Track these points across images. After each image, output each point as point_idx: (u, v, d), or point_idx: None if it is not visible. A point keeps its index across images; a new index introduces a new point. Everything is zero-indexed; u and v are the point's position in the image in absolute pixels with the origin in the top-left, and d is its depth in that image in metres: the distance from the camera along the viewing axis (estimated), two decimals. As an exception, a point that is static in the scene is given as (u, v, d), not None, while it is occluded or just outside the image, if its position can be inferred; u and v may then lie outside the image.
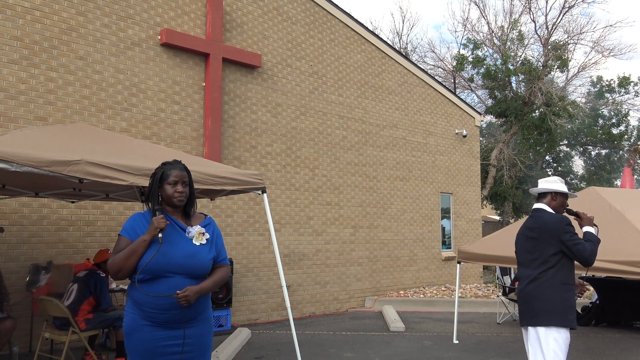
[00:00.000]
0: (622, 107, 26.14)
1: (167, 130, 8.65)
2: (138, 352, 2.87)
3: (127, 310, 2.93)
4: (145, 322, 2.86)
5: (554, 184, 4.18)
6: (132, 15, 8.40)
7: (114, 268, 2.86)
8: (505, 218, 22.96)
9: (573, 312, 3.95)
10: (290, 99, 10.49)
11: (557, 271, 3.95)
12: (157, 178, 3.01)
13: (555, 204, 4.16)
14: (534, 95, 19.83)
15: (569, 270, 4.00)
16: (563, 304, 3.90)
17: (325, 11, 11.38)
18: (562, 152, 29.84)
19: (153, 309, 2.83)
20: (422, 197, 13.20)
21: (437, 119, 13.86)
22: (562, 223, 3.98)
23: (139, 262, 2.83)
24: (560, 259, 3.97)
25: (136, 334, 2.86)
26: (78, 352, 6.67)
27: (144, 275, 2.84)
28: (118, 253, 2.88)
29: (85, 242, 7.68)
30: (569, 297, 3.93)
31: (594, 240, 3.98)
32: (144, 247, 2.83)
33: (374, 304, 11.35)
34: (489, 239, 7.67)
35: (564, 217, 4.07)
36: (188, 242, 2.94)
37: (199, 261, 2.92)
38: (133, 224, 2.96)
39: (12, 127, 7.03)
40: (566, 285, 3.95)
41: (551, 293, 3.93)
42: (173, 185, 2.97)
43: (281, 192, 10.21)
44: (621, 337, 8.28)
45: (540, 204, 4.20)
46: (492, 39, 22.10)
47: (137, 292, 2.87)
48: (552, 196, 4.17)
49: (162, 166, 3.05)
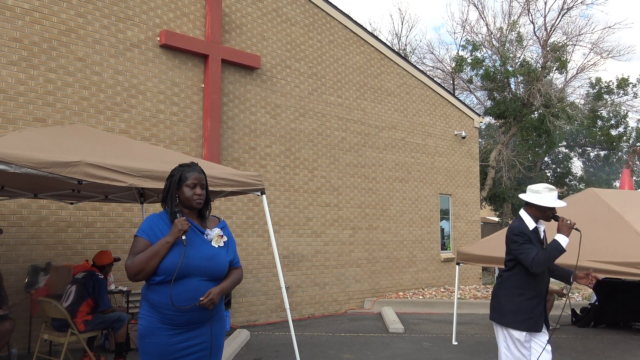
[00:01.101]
0: (621, 109, 26.18)
1: (166, 132, 8.65)
2: (152, 355, 2.85)
3: (143, 314, 2.90)
4: (162, 325, 2.84)
5: (535, 195, 4.17)
6: (132, 16, 8.41)
7: (133, 270, 2.81)
8: (504, 219, 22.97)
9: (521, 315, 4.09)
10: (290, 101, 10.50)
11: (511, 275, 4.19)
12: (175, 180, 2.99)
13: (537, 215, 4.19)
14: (532, 96, 19.86)
15: (523, 276, 4.12)
16: (509, 306, 4.13)
17: (324, 12, 11.39)
18: (561, 154, 29.88)
19: (173, 311, 2.82)
20: (421, 199, 13.21)
21: (436, 120, 13.87)
22: (511, 233, 4.15)
23: (160, 264, 2.81)
24: (515, 264, 4.16)
25: (152, 337, 2.84)
26: (77, 353, 6.66)
27: (164, 277, 2.81)
28: (137, 255, 2.83)
29: (84, 244, 7.68)
30: (518, 301, 4.11)
31: (551, 249, 3.97)
32: (166, 249, 2.81)
33: (373, 306, 11.34)
34: (488, 240, 7.66)
35: (517, 226, 4.15)
36: (207, 245, 2.95)
37: (219, 263, 2.93)
38: (151, 225, 2.93)
39: (11, 128, 7.03)
40: (517, 289, 4.13)
41: (502, 294, 4.22)
42: (192, 188, 2.97)
43: (280, 193, 10.21)
44: (620, 338, 8.28)
45: (522, 210, 4.31)
46: (491, 40, 22.14)
47: (154, 295, 2.85)
48: (536, 208, 4.19)
49: (181, 168, 3.03)
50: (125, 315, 6.23)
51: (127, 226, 8.13)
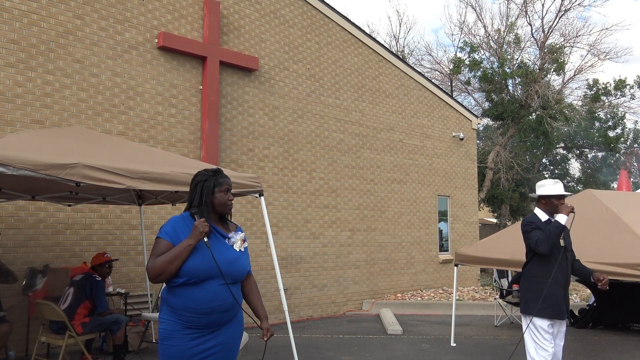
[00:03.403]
0: (618, 110, 26.23)
1: (164, 134, 8.64)
2: (172, 358, 2.87)
3: (164, 317, 2.91)
4: (181, 328, 2.86)
5: (539, 189, 4.61)
6: (129, 18, 8.40)
7: (155, 271, 2.82)
8: (502, 221, 23.00)
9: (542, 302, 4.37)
10: (288, 102, 10.50)
11: (530, 266, 4.56)
12: (210, 185, 3.03)
13: (547, 208, 4.58)
14: (530, 98, 19.90)
15: (540, 264, 4.47)
16: (531, 295, 4.45)
17: (322, 14, 11.40)
18: (558, 155, 29.92)
19: (192, 314, 2.84)
20: (420, 200, 13.21)
21: (434, 121, 13.89)
22: (522, 225, 4.57)
23: (181, 266, 2.82)
24: (532, 255, 4.55)
25: (171, 340, 2.86)
26: (75, 356, 6.65)
27: (186, 279, 2.83)
28: (159, 256, 2.84)
29: (82, 246, 7.66)
30: (538, 289, 4.42)
31: (551, 227, 4.37)
32: (188, 252, 2.82)
33: (371, 307, 11.34)
34: (486, 242, 7.67)
35: (528, 218, 4.61)
36: (229, 248, 3.00)
37: (240, 267, 3.01)
38: (175, 227, 2.94)
39: (8, 130, 7.02)
40: (535, 278, 4.48)
41: (524, 285, 4.58)
42: (226, 193, 3.06)
43: (278, 195, 10.21)
44: (618, 339, 8.29)
45: (535, 208, 4.70)
46: (488, 42, 22.18)
47: (175, 298, 2.87)
48: (543, 200, 4.60)
49: (213, 174, 3.07)
50: (123, 318, 6.22)
51: (125, 228, 8.12)
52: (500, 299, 9.75)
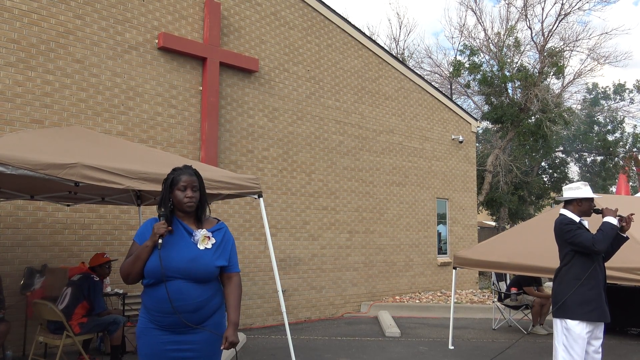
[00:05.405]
0: (618, 114, 26.28)
1: (163, 134, 8.64)
2: (146, 355, 2.95)
3: (140, 315, 3.03)
4: (153, 326, 2.94)
5: (575, 191, 4.49)
6: (130, 19, 8.41)
7: (122, 272, 2.97)
8: (501, 224, 22.99)
9: (587, 305, 4.18)
10: (287, 104, 10.50)
11: (570, 268, 4.34)
12: (167, 184, 3.06)
13: (580, 209, 4.48)
14: (529, 101, 19.92)
15: (583, 265, 4.28)
16: (573, 298, 4.22)
17: (323, 16, 11.41)
18: (557, 159, 29.93)
19: (158, 313, 2.91)
20: (418, 203, 13.22)
21: (434, 124, 13.90)
22: (561, 224, 4.39)
23: (144, 267, 2.91)
24: (573, 256, 4.34)
25: (145, 337, 2.95)
26: (72, 356, 6.63)
27: (148, 279, 2.92)
28: (128, 258, 2.98)
29: (81, 246, 7.65)
30: (581, 292, 4.22)
31: (605, 229, 4.22)
32: (147, 253, 2.91)
33: (369, 309, 11.33)
34: (485, 245, 7.67)
35: (565, 218, 4.42)
36: (191, 246, 2.97)
37: (201, 265, 2.93)
38: (144, 230, 3.03)
39: (8, 129, 7.02)
40: (578, 280, 4.25)
41: (564, 288, 4.31)
42: (183, 191, 3.01)
43: (277, 196, 10.20)
44: (617, 344, 8.29)
45: (562, 209, 4.56)
46: (488, 45, 22.21)
47: (144, 297, 2.98)
48: (577, 203, 4.50)
49: (173, 172, 3.08)
50: (121, 318, 6.21)
51: (124, 228, 8.11)
52: (499, 302, 9.75)
